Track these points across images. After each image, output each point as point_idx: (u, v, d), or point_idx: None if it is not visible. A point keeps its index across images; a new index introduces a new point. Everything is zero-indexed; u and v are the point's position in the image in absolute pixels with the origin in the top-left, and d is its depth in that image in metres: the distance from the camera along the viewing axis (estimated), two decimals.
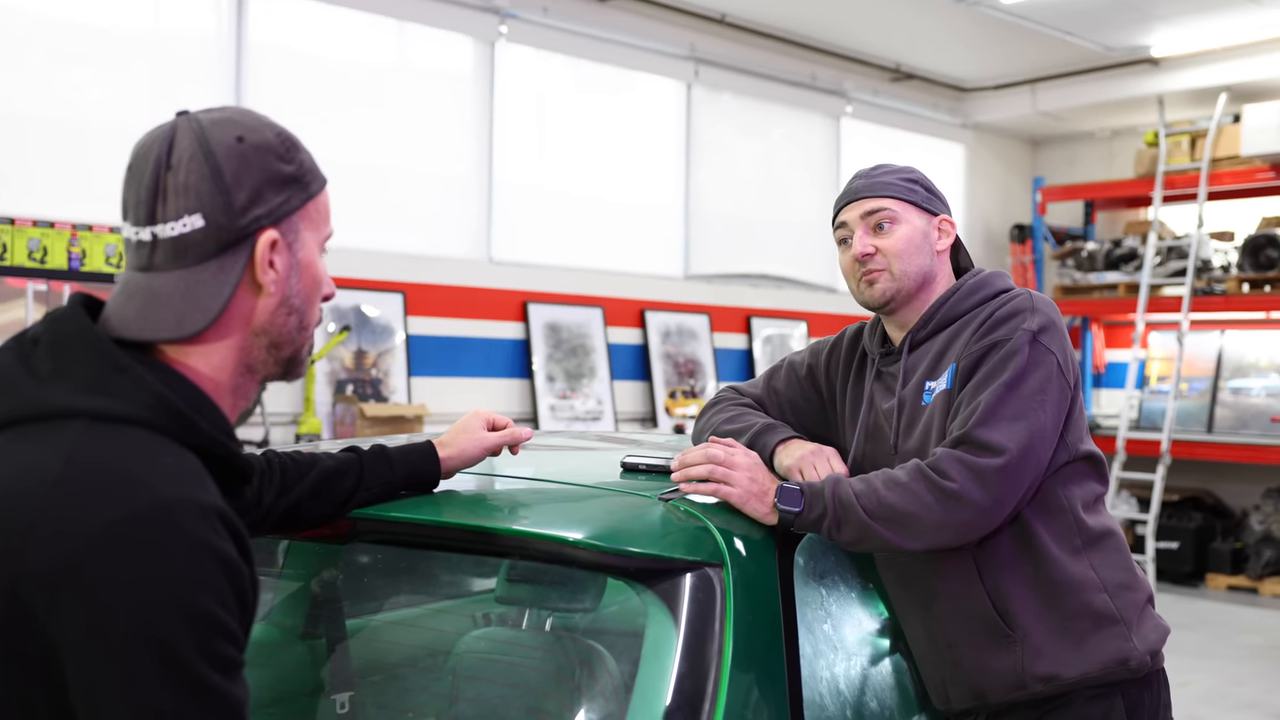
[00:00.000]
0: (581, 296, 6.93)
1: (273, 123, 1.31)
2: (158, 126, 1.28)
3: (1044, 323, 1.90)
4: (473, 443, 1.81)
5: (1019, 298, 1.97)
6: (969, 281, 2.05)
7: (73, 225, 4.91)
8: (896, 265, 2.01)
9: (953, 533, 1.80)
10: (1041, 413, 1.82)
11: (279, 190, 1.26)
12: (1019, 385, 1.82)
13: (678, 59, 7.44)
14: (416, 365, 6.24)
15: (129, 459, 1.12)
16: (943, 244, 2.07)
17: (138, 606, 1.04)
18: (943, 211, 2.10)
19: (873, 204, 2.05)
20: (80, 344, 1.19)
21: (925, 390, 1.96)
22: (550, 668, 1.96)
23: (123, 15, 5.38)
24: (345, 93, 6.11)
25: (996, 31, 7.64)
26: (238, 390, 1.29)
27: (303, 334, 1.33)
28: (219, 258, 1.23)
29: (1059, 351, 1.89)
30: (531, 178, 6.83)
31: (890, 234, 2.03)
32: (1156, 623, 1.93)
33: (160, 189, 1.22)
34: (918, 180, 2.10)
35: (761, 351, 7.84)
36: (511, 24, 6.62)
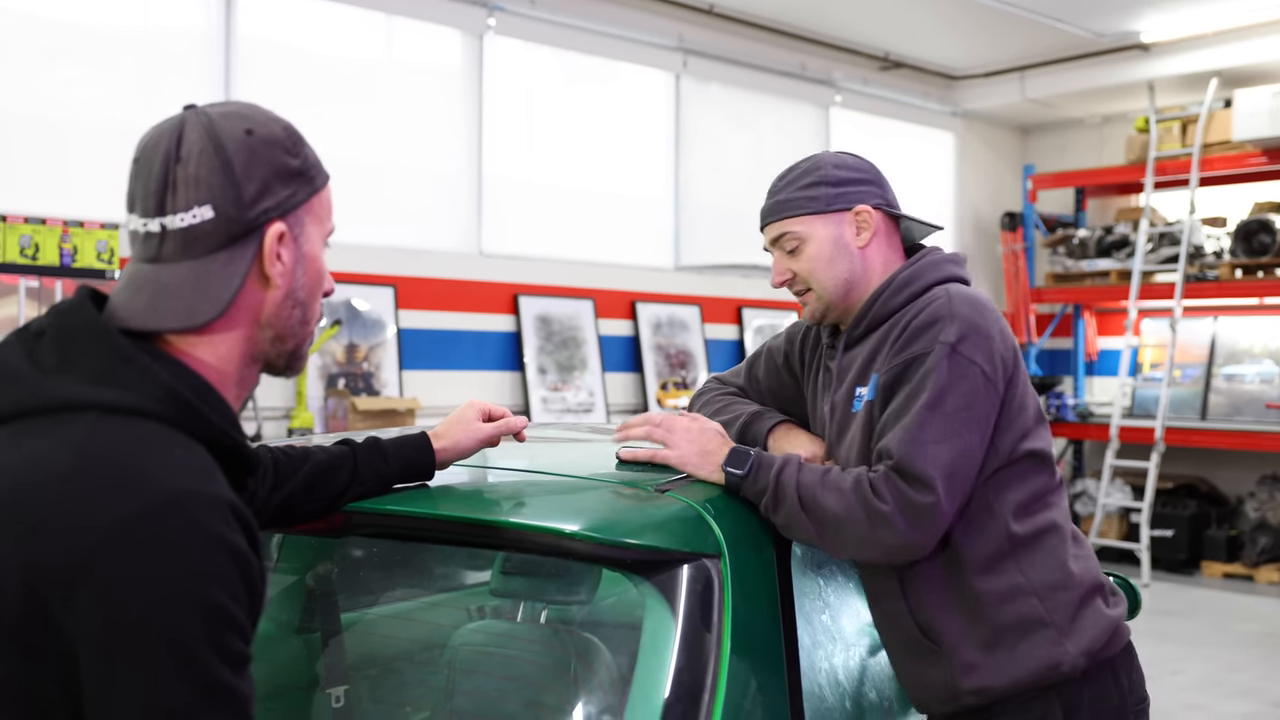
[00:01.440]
0: (572, 289, 6.92)
1: (279, 117, 1.31)
2: (165, 120, 1.28)
3: (962, 330, 1.80)
4: (468, 434, 1.80)
5: (936, 302, 1.85)
6: (901, 274, 1.95)
7: (64, 222, 4.90)
8: (815, 283, 1.95)
9: (879, 553, 1.77)
10: (966, 432, 1.76)
11: (286, 183, 1.27)
12: (940, 405, 1.75)
13: (666, 50, 7.42)
14: (408, 359, 6.22)
15: (140, 452, 1.11)
16: (863, 238, 1.96)
17: (152, 602, 1.04)
18: (857, 201, 1.96)
19: (776, 229, 1.98)
20: (87, 336, 1.18)
21: (855, 396, 1.91)
22: (546, 660, 1.96)
23: (112, 12, 5.35)
24: (334, 87, 6.08)
25: (985, 19, 7.63)
26: (242, 381, 1.30)
27: (305, 328, 1.33)
28: (228, 249, 1.24)
29: (982, 359, 1.79)
30: (521, 170, 6.82)
31: (801, 255, 1.95)
32: (1097, 618, 1.84)
33: (170, 180, 1.22)
34: (820, 180, 1.96)
35: (753, 342, 7.83)
36: (499, 16, 6.60)
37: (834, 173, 1.96)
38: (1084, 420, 8.82)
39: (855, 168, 1.99)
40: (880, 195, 1.99)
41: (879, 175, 2.01)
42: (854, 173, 1.98)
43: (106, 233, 4.97)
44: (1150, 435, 8.05)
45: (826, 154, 2.02)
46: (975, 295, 1.88)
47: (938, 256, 1.99)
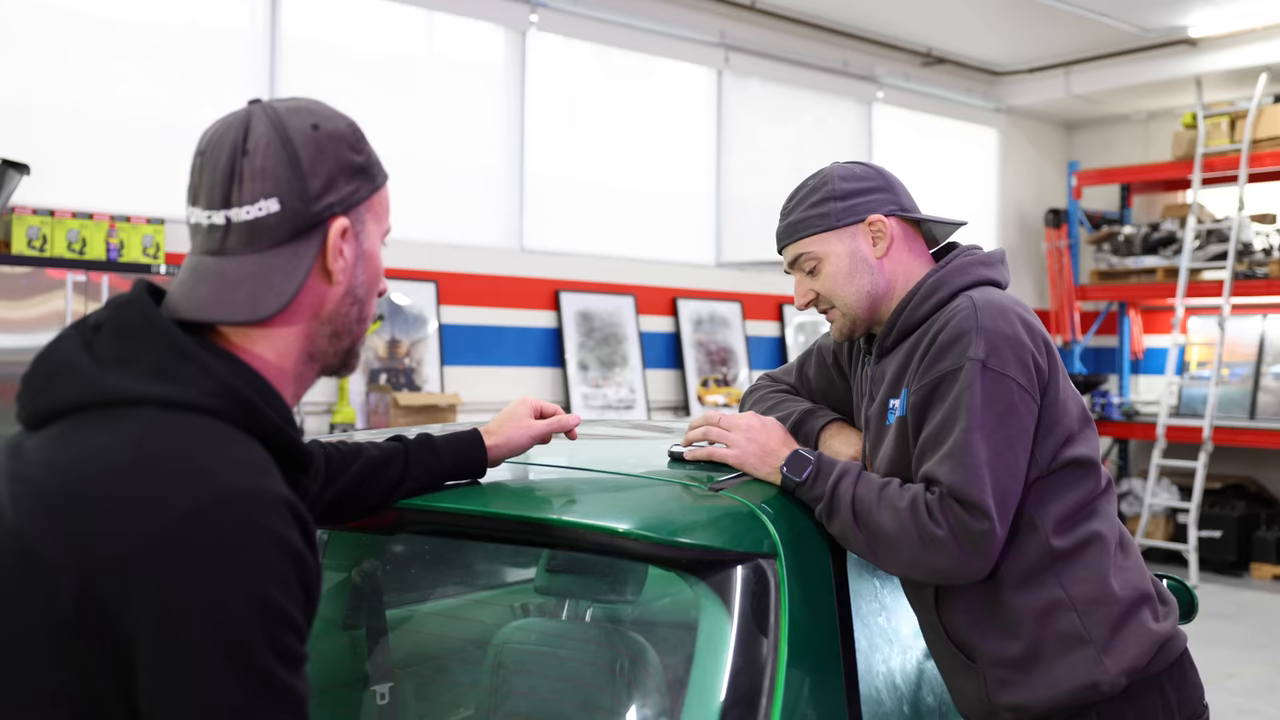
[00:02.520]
0: (613, 285, 6.90)
1: (343, 114, 1.31)
2: (230, 114, 1.27)
3: (991, 343, 1.73)
4: (520, 431, 1.78)
5: (961, 314, 1.78)
6: (927, 282, 1.87)
7: (111, 217, 4.94)
8: (837, 300, 1.91)
9: (931, 575, 1.74)
10: (1009, 451, 1.71)
11: (350, 179, 1.27)
12: (981, 426, 1.69)
13: (708, 46, 7.39)
14: (449, 354, 6.24)
15: (197, 448, 1.10)
16: (880, 248, 1.90)
17: (209, 600, 1.03)
18: (868, 212, 1.90)
19: (792, 252, 1.94)
20: (146, 330, 1.18)
21: (888, 409, 1.86)
22: (594, 660, 1.94)
23: (159, 10, 5.40)
24: (378, 83, 6.10)
25: (1029, 14, 7.54)
26: (300, 379, 1.29)
27: (361, 326, 1.32)
28: (292, 243, 1.23)
29: (1015, 370, 1.73)
30: (562, 166, 6.81)
31: (820, 274, 1.91)
32: (1140, 634, 1.75)
33: (236, 173, 1.22)
34: (828, 196, 1.91)
35: (794, 339, 7.79)
36: (542, 13, 6.60)
37: (841, 185, 1.92)
38: (1129, 419, 8.72)
39: (862, 177, 1.93)
40: (893, 201, 1.93)
41: (889, 180, 1.96)
42: (861, 182, 1.92)
43: (152, 227, 5.01)
44: (1198, 434, 7.94)
45: (833, 167, 1.97)
46: (1000, 300, 1.81)
47: (965, 260, 1.91)
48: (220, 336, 1.23)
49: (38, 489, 1.10)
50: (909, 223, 1.94)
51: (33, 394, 1.19)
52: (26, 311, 4.61)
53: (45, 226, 4.79)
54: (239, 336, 1.23)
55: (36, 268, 4.64)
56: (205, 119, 1.41)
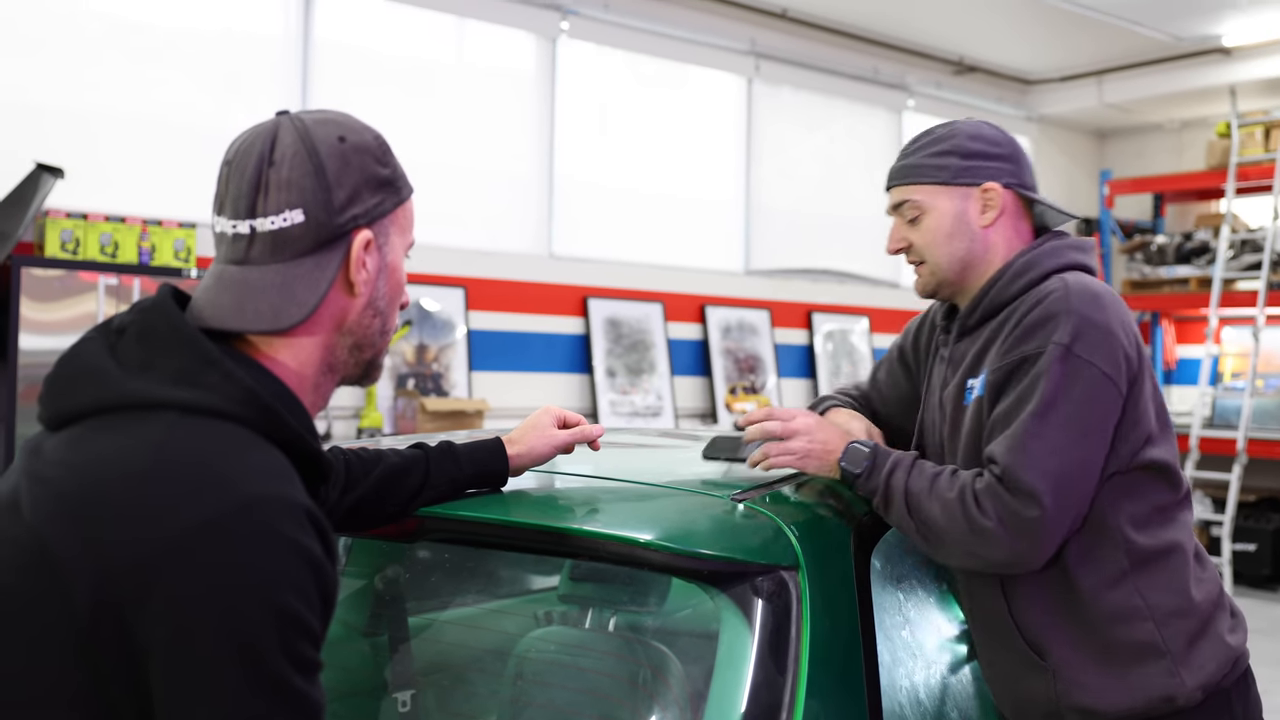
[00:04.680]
0: (642, 292, 6.90)
1: (370, 126, 1.32)
2: (258, 124, 1.29)
3: (1078, 327, 1.68)
4: (542, 440, 1.78)
5: (1052, 295, 1.73)
6: (1019, 260, 1.83)
7: (143, 220, 4.99)
8: (929, 257, 1.86)
9: (980, 564, 1.72)
10: (1082, 441, 1.65)
11: (375, 192, 1.27)
12: (1050, 413, 1.65)
13: (738, 53, 7.38)
14: (477, 360, 6.25)
15: (218, 454, 1.11)
16: (987, 217, 1.84)
17: (226, 607, 1.03)
18: (987, 178, 1.85)
19: (899, 195, 1.89)
20: (170, 335, 1.18)
21: (966, 389, 1.82)
22: (616, 670, 1.93)
23: (193, 17, 5.45)
24: (409, 90, 6.13)
25: (1061, 22, 7.49)
26: (318, 389, 1.29)
27: (383, 338, 1.33)
28: (315, 254, 1.24)
29: (1101, 358, 1.67)
30: (592, 173, 6.82)
31: (919, 226, 1.86)
32: (1217, 648, 1.73)
33: (262, 183, 1.23)
34: (952, 150, 1.86)
35: (822, 347, 7.76)
36: (573, 20, 6.61)
37: (967, 144, 1.86)
38: None
39: (992, 141, 1.87)
40: (1014, 174, 1.87)
41: (1017, 152, 1.89)
42: (989, 146, 1.86)
43: (184, 231, 5.05)
44: (1232, 446, 7.84)
45: (965, 123, 1.91)
46: (1095, 286, 1.76)
47: (1059, 242, 1.86)
48: (244, 343, 1.23)
49: (56, 490, 1.10)
50: (1023, 201, 1.89)
51: (55, 395, 1.19)
52: (59, 314, 4.66)
53: (78, 230, 4.84)
54: (262, 344, 1.24)
55: (69, 270, 4.69)
56: (238, 124, 1.42)
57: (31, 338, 4.58)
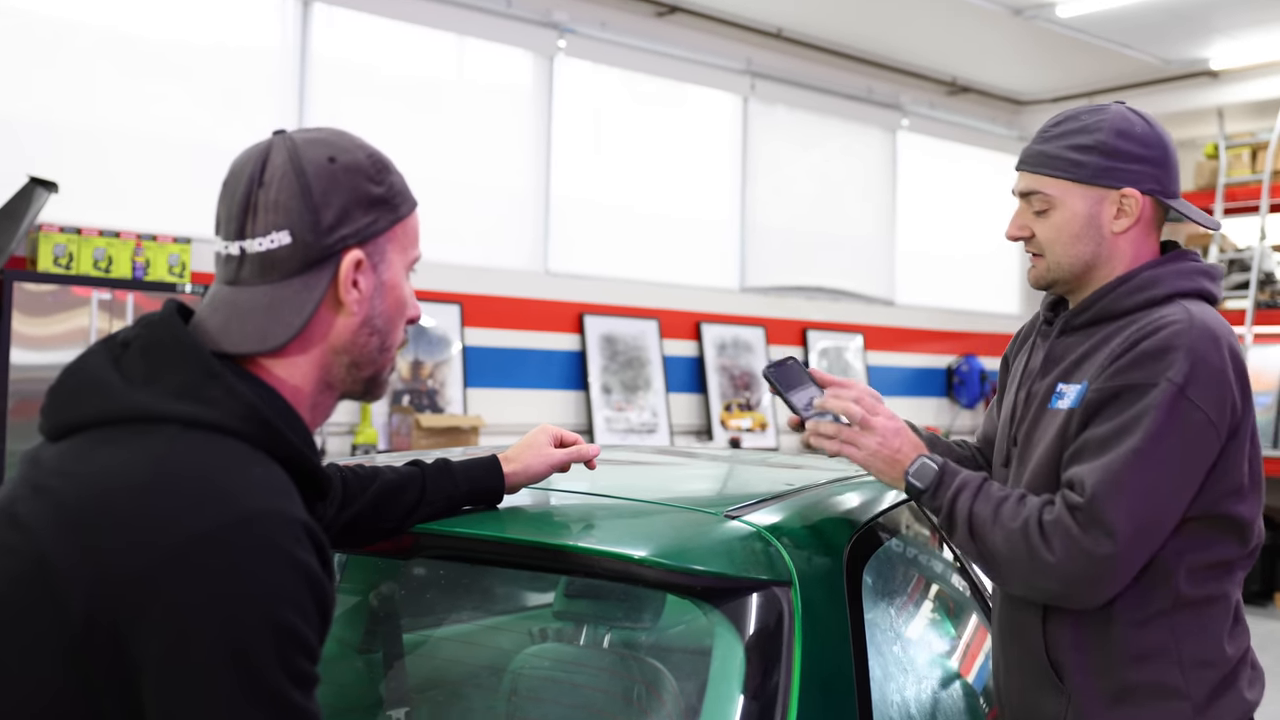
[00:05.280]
0: (637, 309, 6.91)
1: (366, 144, 1.32)
2: (255, 144, 1.30)
3: (1195, 369, 1.59)
4: (539, 459, 1.78)
5: (1175, 326, 1.63)
6: (1144, 273, 1.73)
7: (137, 235, 4.98)
8: (1050, 253, 1.77)
9: (1041, 597, 1.69)
10: (1173, 487, 1.58)
11: (367, 211, 1.27)
12: (1152, 452, 1.57)
13: (734, 72, 7.41)
14: (473, 376, 6.25)
15: (219, 468, 1.11)
16: (1121, 224, 1.74)
17: (223, 620, 1.04)
18: (1128, 182, 1.73)
19: (1029, 182, 1.79)
20: (175, 349, 1.19)
21: (1056, 393, 1.74)
22: (610, 686, 1.93)
23: (190, 31, 5.46)
24: (406, 106, 6.15)
25: (1053, 44, 7.54)
26: (317, 406, 1.30)
27: (384, 355, 1.34)
28: (303, 275, 1.24)
29: (1211, 405, 1.59)
30: (588, 190, 6.84)
31: (1045, 219, 1.77)
32: (1236, 702, 1.69)
33: (251, 205, 1.24)
34: (1095, 146, 1.74)
35: (817, 364, 7.76)
36: (570, 38, 6.64)
37: (1113, 141, 1.74)
38: None
39: (1141, 140, 1.75)
40: (1156, 180, 1.75)
41: (1165, 155, 1.77)
42: (1137, 146, 1.74)
43: (178, 247, 5.05)
44: None
45: (1117, 113, 1.77)
46: (1217, 325, 1.67)
47: (1191, 265, 1.76)
48: (245, 359, 1.24)
49: (56, 500, 1.11)
50: (1160, 208, 1.79)
51: (57, 406, 1.21)
52: (51, 329, 4.66)
53: (72, 244, 4.84)
54: (263, 360, 1.25)
55: (62, 285, 4.69)
56: (234, 139, 1.43)
57: (23, 353, 4.57)
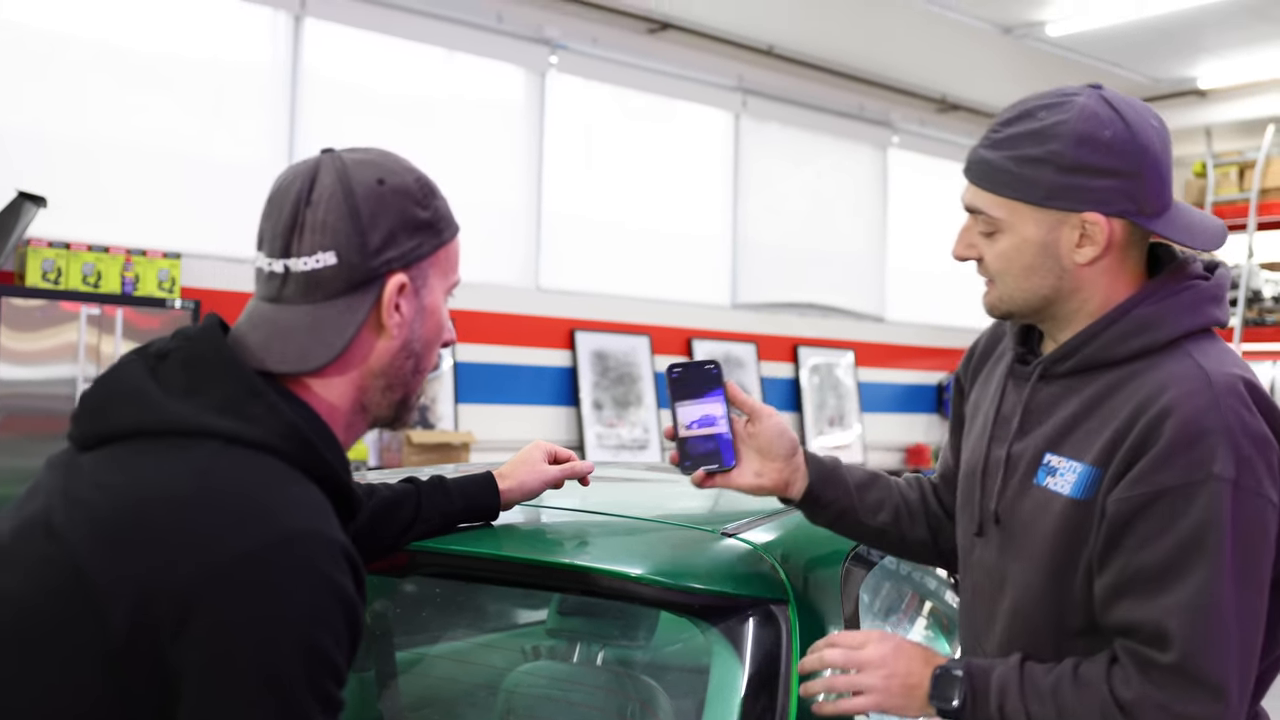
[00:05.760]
0: (629, 325, 6.91)
1: (414, 168, 1.32)
2: (301, 161, 1.29)
3: (1241, 452, 1.28)
4: (533, 475, 1.77)
5: (1197, 399, 1.31)
6: (1140, 311, 1.40)
7: (127, 250, 4.97)
8: (1001, 283, 1.46)
9: None
10: (1258, 601, 1.30)
11: (412, 235, 1.27)
12: (1232, 575, 1.27)
13: (726, 89, 7.44)
14: (464, 392, 6.24)
15: (261, 486, 1.11)
16: (1085, 253, 1.39)
17: (260, 641, 1.04)
18: (1091, 204, 1.37)
19: (972, 196, 1.46)
20: (217, 364, 1.19)
21: (1043, 465, 1.43)
22: (606, 705, 1.92)
23: (181, 46, 5.45)
24: (397, 121, 6.15)
25: (1042, 63, 7.59)
26: (350, 426, 1.29)
27: (416, 378, 1.33)
28: (347, 296, 1.24)
29: (1270, 483, 1.30)
30: (580, 206, 6.84)
31: (993, 243, 1.44)
32: None
33: (298, 223, 1.23)
34: (1051, 157, 1.37)
35: (808, 380, 7.77)
36: (562, 55, 6.65)
37: (1072, 153, 1.37)
38: None
39: (1109, 149, 1.37)
40: (1130, 198, 1.38)
41: (1144, 164, 1.38)
42: (1103, 158, 1.37)
43: (168, 261, 5.04)
44: None
45: (1082, 109, 1.39)
46: (1235, 370, 1.36)
47: (1192, 293, 1.42)
48: (285, 377, 1.23)
49: (92, 513, 1.10)
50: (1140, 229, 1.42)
51: (92, 414, 1.19)
52: (39, 344, 4.63)
53: (60, 259, 4.82)
54: (303, 378, 1.24)
55: (50, 300, 4.67)
56: (225, 155, 1.42)
57: (10, 368, 4.55)
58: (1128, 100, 1.43)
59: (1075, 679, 1.34)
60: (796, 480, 1.65)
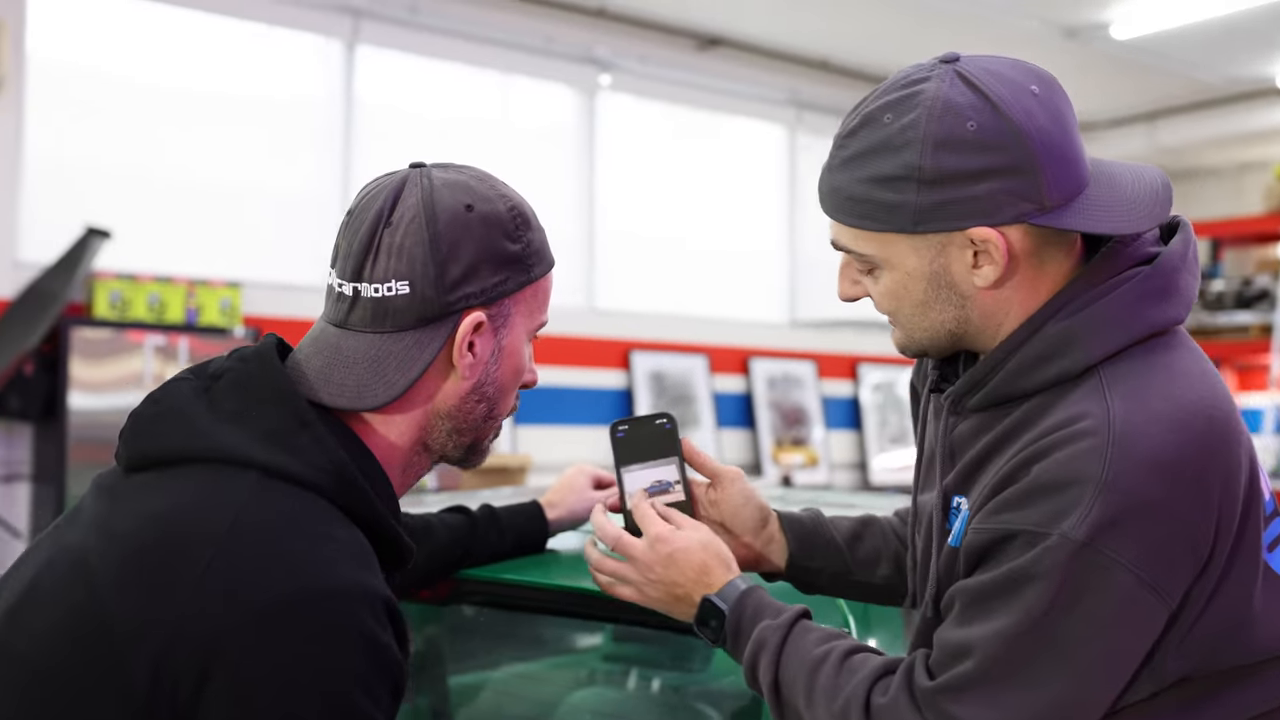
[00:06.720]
0: (685, 344, 6.86)
1: (511, 194, 1.21)
2: (390, 174, 1.20)
3: (1112, 514, 1.03)
4: (580, 502, 1.73)
5: (1080, 442, 1.06)
6: (1048, 330, 1.13)
7: (189, 280, 5.04)
8: (899, 326, 1.26)
9: None
10: (1074, 677, 1.06)
11: (497, 269, 1.17)
12: (1039, 629, 1.05)
13: (779, 104, 7.38)
14: (521, 414, 6.22)
15: (298, 528, 1.04)
16: (985, 274, 1.13)
17: (287, 702, 0.98)
18: (975, 218, 1.10)
19: (837, 235, 1.22)
20: (268, 388, 1.12)
21: (952, 508, 1.21)
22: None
23: (237, 81, 5.53)
24: (449, 146, 6.17)
25: (1110, 66, 7.43)
26: (410, 469, 1.21)
27: (489, 423, 1.24)
28: (417, 330, 1.15)
29: (1143, 559, 1.04)
30: (633, 225, 6.82)
31: (876, 281, 1.22)
32: None
33: (375, 245, 1.14)
34: (910, 174, 1.11)
35: (870, 399, 7.66)
36: (613, 73, 6.65)
37: (933, 164, 1.10)
38: None
39: (979, 145, 1.09)
40: (1025, 195, 1.10)
41: (1028, 151, 1.10)
42: (974, 158, 1.09)
43: (229, 290, 5.09)
44: None
45: (933, 101, 1.11)
46: (1165, 411, 1.08)
47: (1120, 298, 1.12)
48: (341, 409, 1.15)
49: (125, 551, 1.05)
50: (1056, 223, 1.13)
51: (137, 434, 1.13)
52: (108, 373, 4.71)
53: (126, 290, 4.90)
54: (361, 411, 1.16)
55: (117, 330, 4.74)
56: (281, 183, 1.35)
57: (81, 397, 4.62)
58: (994, 70, 1.15)
59: (843, 663, 1.17)
60: (772, 553, 1.43)
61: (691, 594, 1.27)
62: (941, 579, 1.21)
